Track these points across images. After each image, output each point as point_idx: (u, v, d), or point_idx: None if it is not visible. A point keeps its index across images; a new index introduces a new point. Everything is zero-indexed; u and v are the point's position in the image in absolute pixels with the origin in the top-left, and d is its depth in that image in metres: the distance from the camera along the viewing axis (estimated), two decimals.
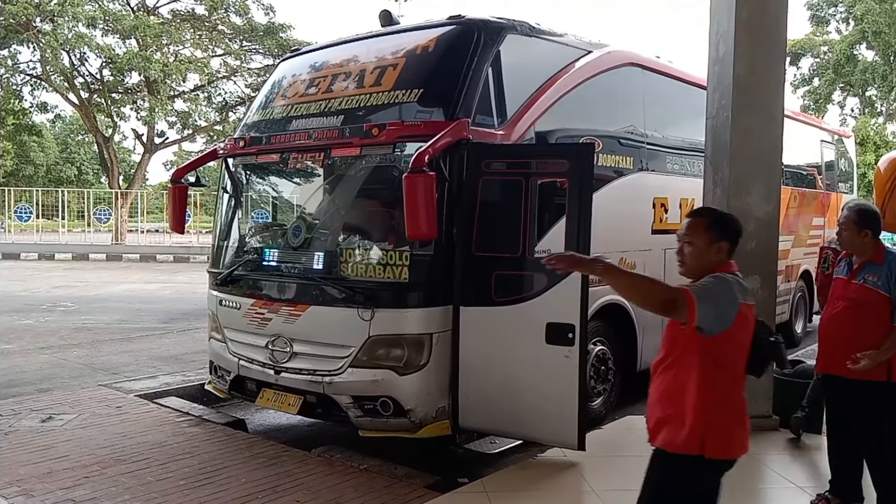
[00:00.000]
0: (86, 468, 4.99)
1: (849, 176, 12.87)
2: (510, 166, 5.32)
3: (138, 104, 32.06)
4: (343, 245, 5.56)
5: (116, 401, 6.69)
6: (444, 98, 5.26)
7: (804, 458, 5.29)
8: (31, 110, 33.49)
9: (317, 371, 5.28)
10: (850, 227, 4.08)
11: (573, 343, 4.81)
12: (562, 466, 5.06)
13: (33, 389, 7.39)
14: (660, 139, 7.25)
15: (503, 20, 5.69)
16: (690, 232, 2.88)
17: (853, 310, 4.05)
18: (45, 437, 5.63)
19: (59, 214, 32.54)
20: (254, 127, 6.36)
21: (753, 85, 5.80)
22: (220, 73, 33.13)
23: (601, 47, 6.67)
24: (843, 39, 40.64)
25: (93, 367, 8.57)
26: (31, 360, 8.96)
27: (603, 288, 6.18)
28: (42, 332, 11.11)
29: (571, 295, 4.84)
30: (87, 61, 31.01)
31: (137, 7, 31.19)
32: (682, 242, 2.90)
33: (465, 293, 5.12)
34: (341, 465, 5.06)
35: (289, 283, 5.65)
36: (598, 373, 6.34)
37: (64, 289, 17.39)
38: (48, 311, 13.60)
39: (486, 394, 5.09)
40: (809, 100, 42.49)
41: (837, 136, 12.70)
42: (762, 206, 5.86)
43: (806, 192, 10.51)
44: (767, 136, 5.89)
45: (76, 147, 56.94)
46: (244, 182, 6.62)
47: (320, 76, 6.14)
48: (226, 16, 31.57)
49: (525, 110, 5.59)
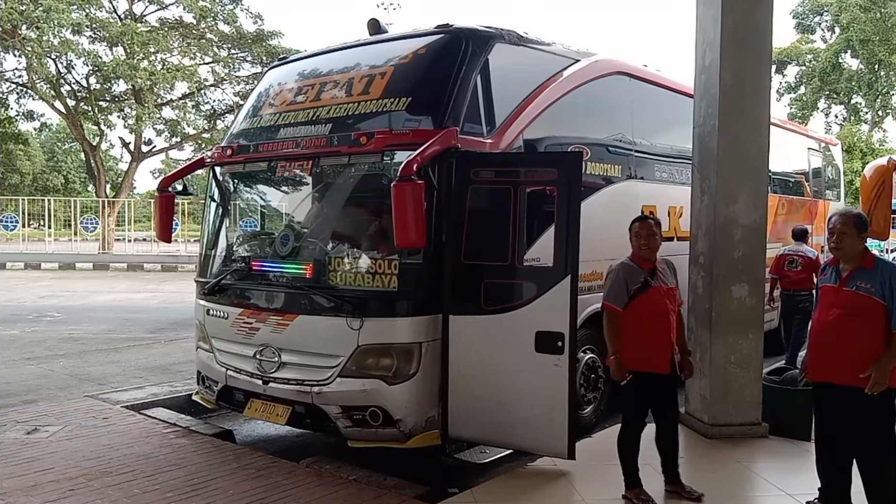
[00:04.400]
0: (71, 481, 4.93)
1: (836, 183, 12.96)
2: (499, 175, 5.33)
3: (125, 112, 31.87)
4: (331, 254, 5.54)
5: (103, 412, 6.64)
6: (433, 106, 5.26)
7: (794, 465, 5.29)
8: (16, 118, 33.24)
9: (305, 381, 5.25)
10: (851, 230, 4.07)
11: (563, 351, 4.80)
12: (552, 475, 5.05)
13: (18, 401, 7.31)
14: (648, 147, 7.28)
15: (491, 29, 5.70)
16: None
17: (848, 317, 4.04)
18: (31, 449, 5.57)
19: (45, 223, 32.32)
20: (241, 135, 6.33)
21: (740, 93, 5.85)
22: (208, 80, 33.02)
23: (589, 56, 6.70)
24: (828, 48, 41.10)
25: (79, 378, 8.50)
26: (17, 371, 8.88)
27: (592, 296, 6.20)
28: (28, 343, 11.01)
29: (561, 303, 4.84)
30: (74, 69, 30.85)
31: (125, 14, 31.09)
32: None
33: (454, 302, 5.11)
34: (330, 476, 5.03)
35: (277, 292, 5.62)
36: (587, 381, 6.33)
37: (50, 298, 17.27)
38: (34, 321, 13.49)
39: (476, 403, 5.07)
40: (795, 107, 42.87)
41: (824, 143, 12.79)
42: (749, 213, 5.89)
43: (793, 200, 10.58)
44: (754, 144, 5.92)
45: (63, 155, 56.65)
46: (232, 191, 6.59)
47: (308, 84, 6.13)
48: (214, 24, 31.49)
49: (513, 119, 5.60)
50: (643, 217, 4.81)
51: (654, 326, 4.46)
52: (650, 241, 4.55)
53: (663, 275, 4.58)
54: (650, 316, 4.46)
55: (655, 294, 4.49)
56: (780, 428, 5.85)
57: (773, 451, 5.64)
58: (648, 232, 4.56)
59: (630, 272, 4.52)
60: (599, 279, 6.37)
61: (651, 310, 4.46)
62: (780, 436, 5.83)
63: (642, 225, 4.62)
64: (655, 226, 4.62)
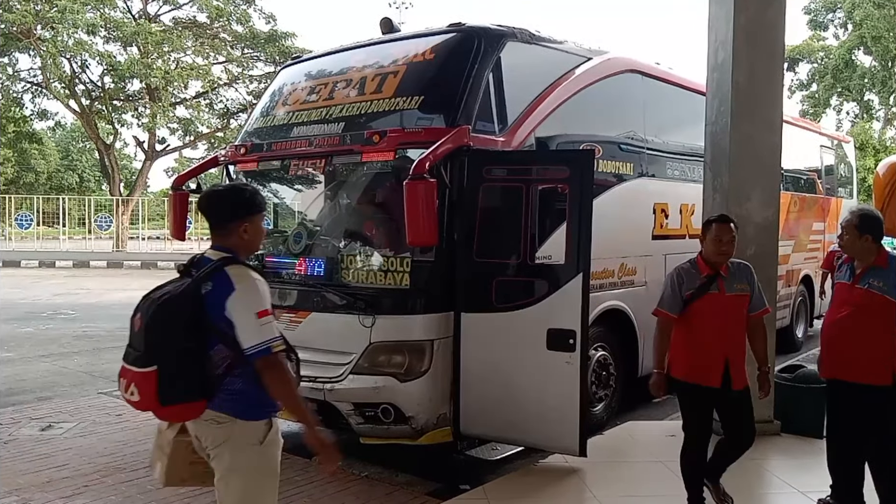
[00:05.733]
0: (85, 477, 4.99)
1: (848, 181, 12.89)
2: (511, 173, 5.33)
3: (139, 111, 32.03)
4: (344, 252, 5.56)
5: (117, 409, 6.70)
6: (445, 105, 5.28)
7: (806, 463, 5.27)
8: (31, 118, 33.52)
9: (318, 378, 5.27)
10: (851, 231, 4.08)
11: (574, 349, 4.81)
12: (563, 473, 5.06)
13: (33, 398, 7.39)
14: (660, 145, 7.26)
15: (503, 27, 5.71)
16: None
17: (859, 315, 4.03)
18: (45, 445, 5.64)
19: (59, 222, 32.57)
20: (255, 134, 6.37)
21: (752, 91, 5.83)
22: (222, 80, 33.15)
23: (601, 54, 6.69)
24: (841, 45, 40.77)
25: (93, 375, 8.57)
26: (32, 369, 8.96)
27: (604, 293, 6.21)
28: (43, 340, 11.11)
29: (572, 301, 4.84)
30: (88, 68, 31.06)
31: (139, 14, 31.27)
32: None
33: (466, 299, 5.13)
34: (342, 473, 5.05)
35: (290, 289, 5.65)
36: (599, 378, 6.33)
37: (65, 296, 17.39)
38: (49, 318, 13.60)
39: (488, 400, 5.08)
40: (808, 105, 42.59)
41: (837, 140, 12.72)
42: (762, 211, 5.87)
43: (806, 197, 10.52)
44: (766, 141, 5.90)
45: (77, 154, 56.96)
46: None
47: (321, 83, 6.16)
48: (227, 24, 31.62)
49: (525, 117, 5.60)
50: (724, 218, 4.22)
51: (705, 336, 4.03)
52: (729, 249, 4.08)
53: (728, 281, 4.07)
54: (702, 325, 4.03)
55: (712, 301, 4.03)
56: (792, 425, 5.84)
57: (785, 449, 5.63)
58: (730, 238, 4.06)
59: (687, 277, 4.10)
60: (611, 276, 6.40)
61: (703, 319, 4.03)
62: (792, 433, 5.82)
63: (722, 229, 4.08)
64: (736, 229, 4.13)
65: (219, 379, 2.74)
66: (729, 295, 4.06)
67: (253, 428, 2.81)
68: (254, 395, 2.77)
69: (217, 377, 2.74)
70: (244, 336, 2.68)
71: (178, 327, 2.70)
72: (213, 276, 2.73)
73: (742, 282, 4.12)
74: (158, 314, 2.72)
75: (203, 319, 2.70)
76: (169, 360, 2.71)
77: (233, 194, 2.98)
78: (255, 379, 2.73)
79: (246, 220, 2.86)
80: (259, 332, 2.68)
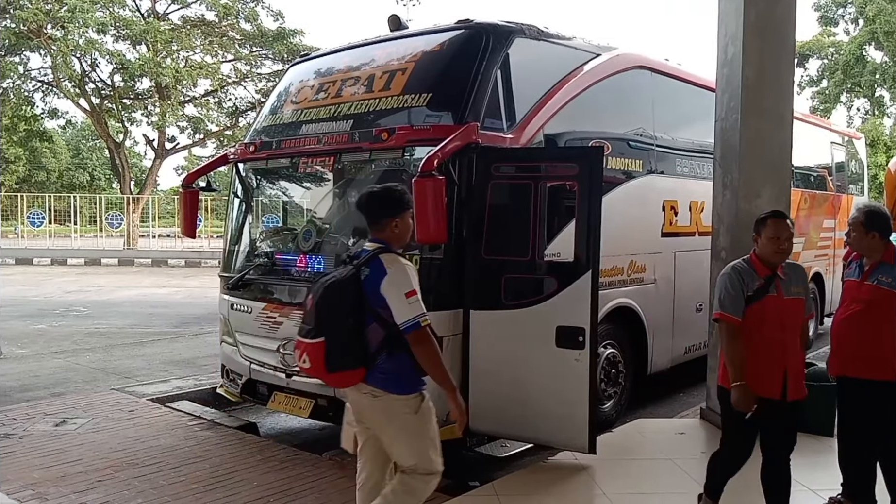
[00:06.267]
0: (98, 472, 5.02)
1: (860, 177, 12.81)
2: (519, 170, 5.34)
3: (149, 110, 32.17)
4: (353, 249, 5.57)
5: (129, 405, 6.74)
6: (453, 102, 5.27)
7: (816, 461, 5.25)
8: (42, 117, 33.69)
9: None
10: (858, 228, 4.07)
11: (583, 346, 4.81)
12: (573, 470, 5.06)
13: (47, 394, 7.44)
14: (669, 141, 7.24)
15: (511, 24, 5.69)
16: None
17: (867, 311, 4.02)
18: (59, 440, 5.68)
19: (71, 220, 32.76)
20: (264, 132, 6.39)
21: (762, 87, 5.80)
22: (231, 78, 33.24)
23: (610, 50, 6.68)
24: (852, 40, 40.45)
25: (105, 372, 8.63)
26: (45, 365, 9.02)
27: (613, 291, 6.20)
28: (55, 337, 11.19)
29: (582, 298, 4.84)
30: (99, 67, 31.20)
31: (148, 13, 31.37)
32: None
33: (475, 297, 5.13)
34: (352, 469, 5.01)
35: (300, 286, 5.67)
36: (608, 376, 6.33)
37: (76, 293, 17.50)
38: (61, 315, 13.70)
39: (497, 397, 5.09)
40: (818, 101, 42.32)
41: (848, 137, 12.64)
42: (772, 208, 5.82)
43: (816, 194, 10.47)
44: (777, 138, 5.88)
45: (88, 153, 57.25)
46: (255, 187, 6.67)
47: (329, 81, 6.17)
48: (236, 22, 31.67)
49: (534, 114, 5.60)
50: (780, 214, 3.89)
51: (764, 343, 3.71)
52: (789, 247, 3.76)
53: (785, 283, 3.77)
54: (761, 331, 3.71)
55: (770, 305, 3.73)
56: (802, 423, 5.80)
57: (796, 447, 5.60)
58: (788, 235, 3.75)
59: (746, 277, 3.77)
60: (620, 274, 6.39)
61: (762, 324, 3.70)
62: (803, 431, 5.76)
63: (780, 225, 3.77)
64: (792, 226, 3.84)
65: (374, 355, 3.25)
66: (787, 298, 3.77)
67: (405, 401, 3.29)
68: (404, 373, 3.26)
69: (373, 353, 3.25)
70: (397, 313, 3.17)
71: (341, 306, 3.22)
72: (370, 263, 3.26)
73: (798, 284, 3.83)
74: (326, 295, 3.25)
75: (362, 300, 3.21)
76: (334, 334, 3.22)
77: (385, 194, 3.46)
78: (404, 358, 3.23)
79: (396, 217, 3.37)
80: (409, 308, 3.16)
